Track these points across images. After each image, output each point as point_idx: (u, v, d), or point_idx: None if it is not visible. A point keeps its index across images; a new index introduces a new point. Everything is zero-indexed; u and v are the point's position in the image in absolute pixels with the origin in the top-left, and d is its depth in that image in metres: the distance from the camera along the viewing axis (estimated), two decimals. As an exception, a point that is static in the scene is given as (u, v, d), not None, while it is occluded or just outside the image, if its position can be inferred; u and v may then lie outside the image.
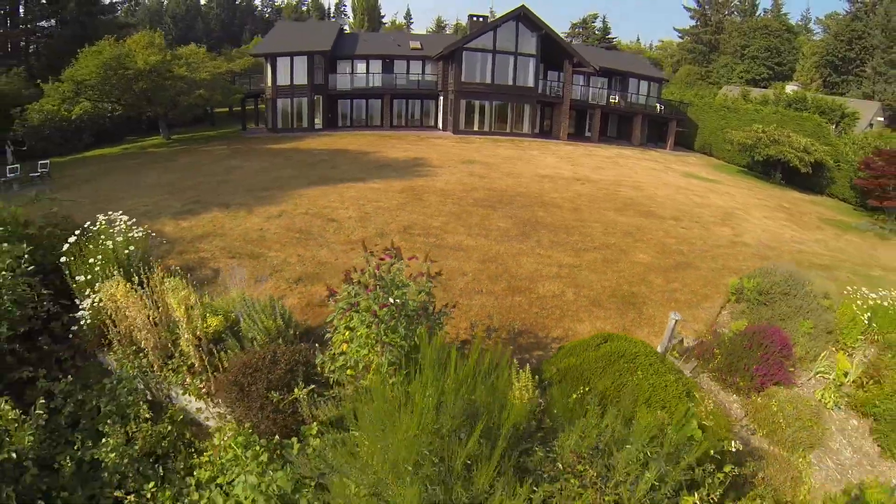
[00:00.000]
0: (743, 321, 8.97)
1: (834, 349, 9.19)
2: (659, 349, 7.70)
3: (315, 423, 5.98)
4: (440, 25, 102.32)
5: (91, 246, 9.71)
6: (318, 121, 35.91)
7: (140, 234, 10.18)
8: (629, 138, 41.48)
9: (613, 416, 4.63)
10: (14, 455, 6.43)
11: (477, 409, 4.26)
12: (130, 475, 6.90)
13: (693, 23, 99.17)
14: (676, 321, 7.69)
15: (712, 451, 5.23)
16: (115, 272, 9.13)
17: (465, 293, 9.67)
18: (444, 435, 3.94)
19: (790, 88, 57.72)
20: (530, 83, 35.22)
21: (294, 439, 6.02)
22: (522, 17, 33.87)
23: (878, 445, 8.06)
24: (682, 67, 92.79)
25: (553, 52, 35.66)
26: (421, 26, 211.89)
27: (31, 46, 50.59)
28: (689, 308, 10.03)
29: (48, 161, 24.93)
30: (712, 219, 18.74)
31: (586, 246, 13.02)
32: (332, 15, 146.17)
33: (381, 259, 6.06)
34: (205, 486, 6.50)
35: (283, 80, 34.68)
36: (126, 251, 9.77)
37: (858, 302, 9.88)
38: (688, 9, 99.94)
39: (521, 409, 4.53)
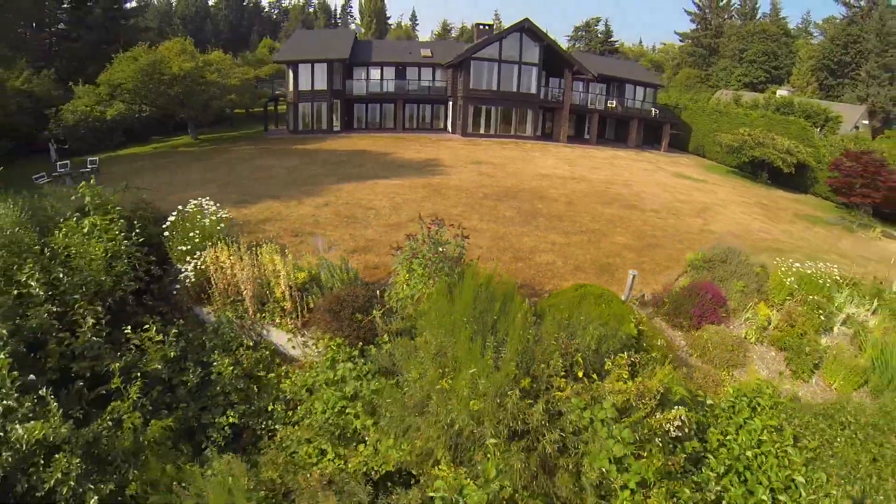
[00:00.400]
0: (687, 279, 12.03)
1: (763, 303, 12.26)
2: (622, 297, 10.75)
3: (385, 335, 9.05)
4: (446, 29, 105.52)
5: (188, 224, 12.81)
6: (335, 123, 39.09)
7: (225, 215, 13.30)
8: (626, 141, 44.59)
9: (576, 316, 7.70)
10: (158, 366, 9.43)
11: (495, 299, 7.35)
12: (234, 390, 9.84)
13: (693, 26, 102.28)
14: (634, 276, 10.75)
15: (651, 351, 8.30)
16: (209, 243, 12.21)
17: (481, 260, 12.71)
18: (479, 311, 7.01)
19: (781, 93, 60.68)
20: (533, 90, 38.42)
21: (371, 346, 9.11)
22: (526, 29, 37.08)
23: (790, 369, 11.11)
24: (682, 70, 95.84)
25: (554, 60, 38.85)
26: (426, 28, 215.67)
27: (55, 49, 53.70)
28: (653, 275, 13.10)
29: (97, 158, 28.04)
30: (689, 212, 21.84)
31: (575, 230, 16.11)
32: (338, 16, 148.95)
33: (429, 227, 9.14)
34: (293, 393, 9.48)
35: (304, 85, 37.85)
36: (218, 227, 12.89)
37: (783, 269, 12.96)
38: (688, 13, 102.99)
39: (523, 307, 7.55)
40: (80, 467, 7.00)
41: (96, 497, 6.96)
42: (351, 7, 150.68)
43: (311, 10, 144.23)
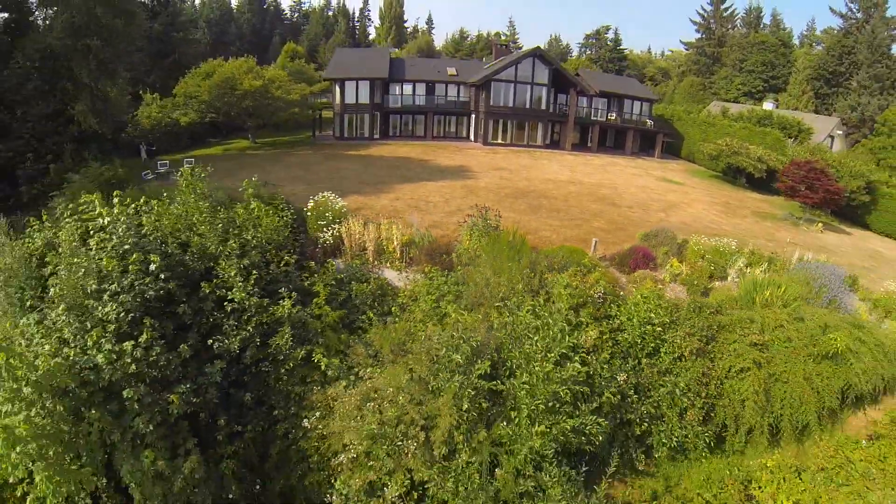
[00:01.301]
0: (629, 245, 20.35)
1: (676, 260, 20.54)
2: (589, 253, 19.10)
3: (458, 266, 17.46)
4: (463, 36, 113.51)
5: (321, 208, 21.22)
6: (375, 132, 47.57)
7: (344, 204, 21.74)
8: (623, 148, 52.89)
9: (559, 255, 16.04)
10: (332, 283, 17.81)
11: (518, 247, 15.75)
12: (365, 307, 18.10)
13: (698, 36, 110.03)
14: (596, 242, 19.11)
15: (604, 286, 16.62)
16: (338, 220, 20.56)
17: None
18: (508, 257, 15.38)
19: (768, 105, 68.63)
20: (543, 106, 46.89)
21: (450, 273, 17.52)
22: (538, 55, 45.60)
23: (688, 293, 19.35)
24: (686, 78, 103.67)
25: (561, 80, 47.27)
26: (441, 31, 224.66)
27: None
28: (614, 245, 21.41)
29: (192, 158, 36.53)
30: (657, 208, 30.15)
31: (567, 218, 24.46)
32: (356, 19, 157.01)
33: (480, 210, 17.55)
34: (405, 300, 17.80)
35: (349, 98, 46.44)
36: (342, 210, 21.34)
37: (694, 241, 21.28)
38: (693, 22, 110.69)
39: (529, 248, 15.86)
40: (291, 336, 15.17)
41: (303, 352, 15.06)
42: (369, 10, 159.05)
43: (331, 13, 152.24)
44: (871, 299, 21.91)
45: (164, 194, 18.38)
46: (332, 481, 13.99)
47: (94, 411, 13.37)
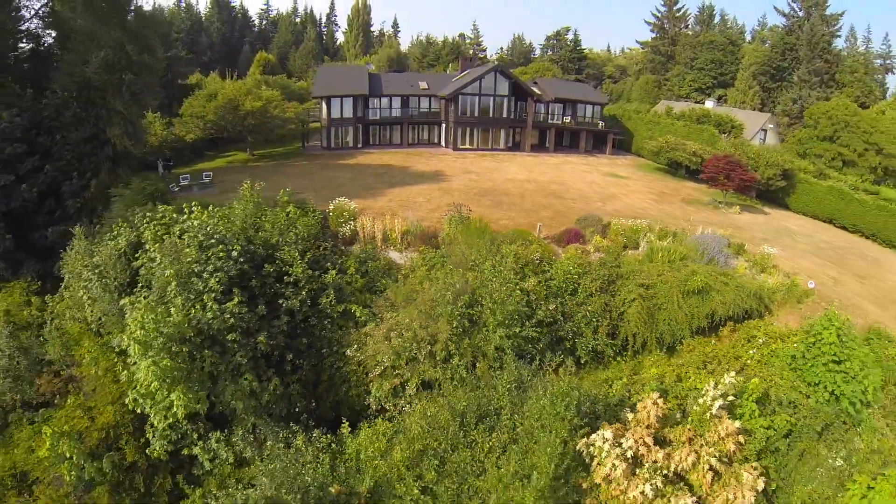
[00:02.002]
0: (565, 227, 28.62)
1: (599, 236, 28.86)
2: (535, 234, 27.29)
3: (443, 246, 25.45)
4: (430, 42, 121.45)
5: (340, 209, 29.14)
6: (358, 142, 55.27)
7: (355, 206, 29.60)
8: (577, 147, 61.50)
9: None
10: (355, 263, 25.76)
11: (483, 228, 23.76)
12: (378, 277, 26.09)
13: (653, 35, 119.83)
14: (540, 226, 27.30)
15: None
16: (353, 218, 28.50)
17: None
18: (476, 237, 23.40)
19: (709, 103, 78.17)
20: (504, 114, 55.27)
21: (437, 250, 25.51)
22: (499, 70, 54.02)
23: (605, 258, 27.68)
24: (642, 76, 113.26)
25: (520, 91, 55.61)
26: (406, 33, 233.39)
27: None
28: (556, 228, 29.66)
29: (210, 172, 43.80)
30: (597, 199, 38.58)
31: (522, 210, 32.71)
32: (323, 25, 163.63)
33: (456, 206, 25.61)
34: (406, 272, 25.80)
35: (335, 113, 54.10)
36: (354, 210, 29.20)
37: (615, 222, 29.68)
38: (648, 23, 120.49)
39: (491, 231, 23.93)
40: (333, 296, 23.10)
41: (342, 307, 23.04)
42: (335, 15, 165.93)
43: (298, 19, 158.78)
44: (752, 260, 30.59)
45: (225, 204, 26.07)
46: (368, 392, 21.91)
47: (207, 351, 20.99)
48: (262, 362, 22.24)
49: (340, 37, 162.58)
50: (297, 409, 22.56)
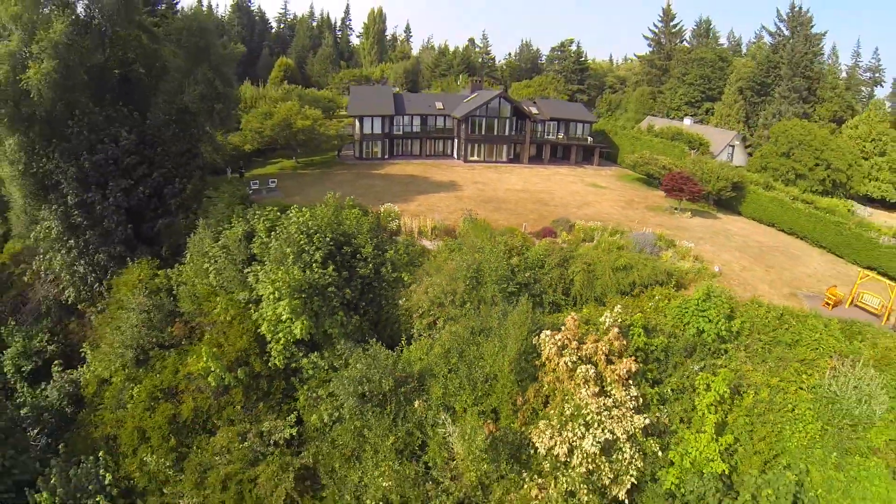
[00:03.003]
0: (542, 226, 43.56)
1: (565, 233, 43.82)
2: (522, 230, 42.27)
3: (459, 237, 40.44)
4: (442, 52, 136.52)
5: (388, 211, 44.35)
6: (385, 153, 70.34)
7: (397, 209, 44.70)
8: (569, 160, 76.47)
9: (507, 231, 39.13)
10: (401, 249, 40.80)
11: (486, 226, 38.75)
12: (417, 257, 41.14)
13: (650, 49, 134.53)
14: (525, 225, 42.24)
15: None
16: (398, 218, 43.64)
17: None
18: (482, 231, 38.33)
19: (687, 121, 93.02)
20: (507, 132, 70.44)
21: (456, 240, 40.54)
22: (503, 97, 69.21)
23: (566, 247, 42.64)
24: (638, 88, 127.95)
25: (520, 113, 70.62)
26: (418, 37, 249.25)
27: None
28: (537, 226, 44.57)
29: (275, 179, 58.65)
30: (574, 205, 53.48)
31: (514, 213, 47.79)
32: (337, 28, 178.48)
33: (468, 211, 40.62)
34: (435, 254, 40.82)
35: (367, 129, 69.20)
36: (398, 212, 44.35)
37: (580, 223, 44.67)
38: (646, 37, 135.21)
39: (491, 227, 38.90)
40: (389, 267, 38.20)
41: (395, 274, 38.17)
42: (350, 19, 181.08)
43: (315, 23, 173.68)
44: (677, 251, 45.46)
45: (293, 206, 41.11)
46: (412, 327, 36.85)
47: (315, 298, 35.99)
48: (346, 307, 37.22)
49: (355, 40, 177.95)
50: (366, 338, 37.46)
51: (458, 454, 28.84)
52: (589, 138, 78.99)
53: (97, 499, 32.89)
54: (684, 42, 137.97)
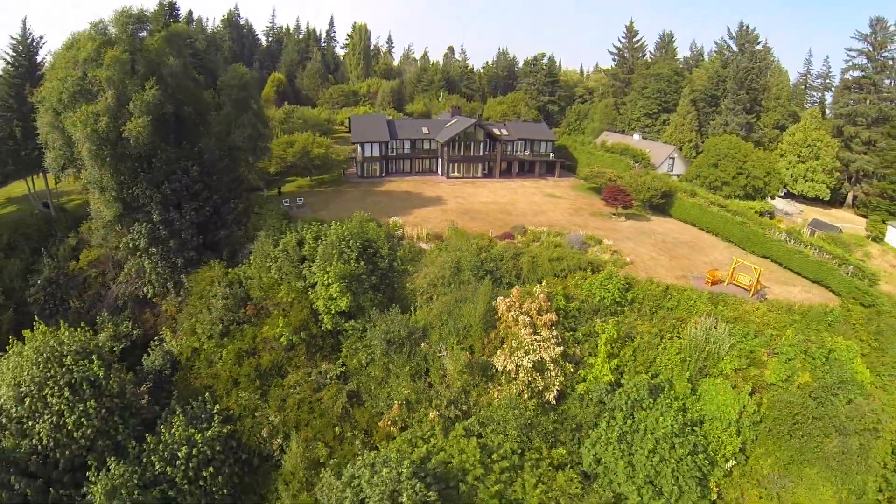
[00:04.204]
0: (503, 231, 66.22)
1: (521, 237, 66.67)
2: (490, 235, 65.04)
3: (445, 240, 63.15)
4: (424, 69, 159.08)
5: (395, 223, 67.18)
6: (383, 172, 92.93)
7: (401, 221, 67.39)
8: (534, 173, 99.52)
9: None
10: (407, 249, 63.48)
11: (463, 233, 61.42)
12: (416, 255, 63.93)
13: (614, 63, 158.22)
14: (492, 230, 65.00)
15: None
16: (402, 227, 66.43)
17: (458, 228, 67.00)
18: (461, 236, 61.02)
19: (636, 136, 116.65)
20: (481, 152, 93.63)
21: (444, 242, 63.34)
22: (478, 124, 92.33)
23: (520, 246, 65.53)
24: (603, 100, 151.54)
25: (492, 136, 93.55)
26: (399, 46, 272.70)
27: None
28: (500, 231, 67.24)
29: (303, 197, 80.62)
30: (531, 213, 76.47)
31: (485, 222, 70.72)
32: (322, 40, 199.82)
33: (451, 222, 63.34)
34: (429, 253, 63.55)
35: (367, 153, 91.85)
36: (402, 223, 67.08)
37: (532, 228, 67.59)
38: (611, 52, 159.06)
39: (467, 233, 61.64)
40: (399, 262, 60.86)
41: (404, 266, 60.93)
42: (334, 31, 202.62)
43: (300, 36, 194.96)
44: (602, 247, 68.57)
45: (326, 220, 63.73)
46: (416, 300, 59.64)
47: (353, 283, 58.78)
48: (373, 289, 59.54)
49: (340, 50, 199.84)
50: (387, 308, 59.51)
51: (449, 372, 51.47)
52: (551, 154, 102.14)
53: (213, 422, 54.43)
54: (647, 55, 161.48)
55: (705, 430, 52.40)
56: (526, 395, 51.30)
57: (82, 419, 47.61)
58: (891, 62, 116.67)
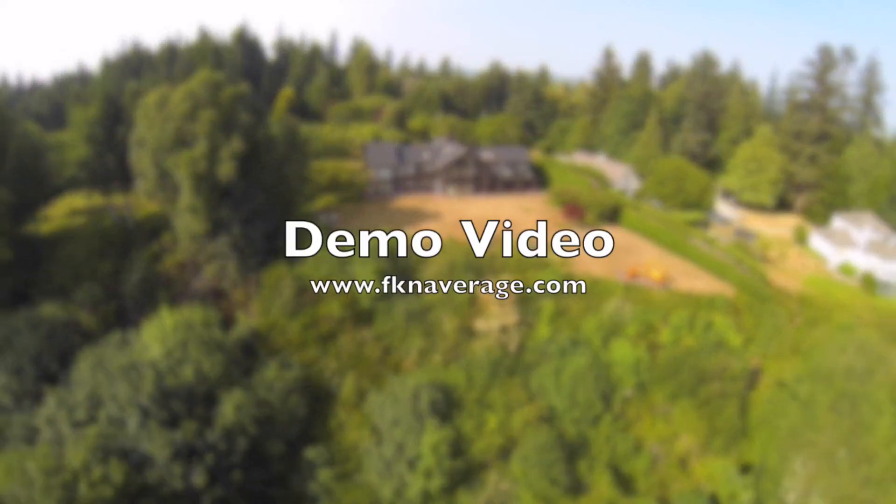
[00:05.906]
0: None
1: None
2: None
3: (446, 244, 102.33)
4: (422, 90, 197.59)
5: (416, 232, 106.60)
6: (393, 190, 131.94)
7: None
8: (515, 189, 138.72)
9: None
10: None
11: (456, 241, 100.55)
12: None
13: (594, 83, 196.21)
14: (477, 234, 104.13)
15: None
16: (422, 236, 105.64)
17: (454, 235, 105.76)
18: (453, 241, 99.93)
19: (600, 157, 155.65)
20: (471, 174, 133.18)
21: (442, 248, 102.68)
22: (469, 153, 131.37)
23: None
24: (582, 117, 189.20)
25: (481, 161, 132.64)
26: (398, 54, 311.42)
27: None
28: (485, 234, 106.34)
29: (335, 213, 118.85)
30: (503, 219, 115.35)
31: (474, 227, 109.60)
32: (326, 53, 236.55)
33: (449, 234, 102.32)
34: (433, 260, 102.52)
35: (381, 176, 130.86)
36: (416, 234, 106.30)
37: (507, 231, 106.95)
38: (593, 72, 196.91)
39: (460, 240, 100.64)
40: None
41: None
42: (337, 43, 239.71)
43: (306, 51, 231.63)
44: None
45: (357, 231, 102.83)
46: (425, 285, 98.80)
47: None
48: (397, 278, 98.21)
49: (342, 60, 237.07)
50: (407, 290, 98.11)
51: (447, 332, 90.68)
52: (529, 174, 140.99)
53: (293, 367, 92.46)
54: (624, 74, 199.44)
55: (612, 371, 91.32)
56: (496, 347, 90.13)
57: (215, 364, 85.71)
58: (835, 86, 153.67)
